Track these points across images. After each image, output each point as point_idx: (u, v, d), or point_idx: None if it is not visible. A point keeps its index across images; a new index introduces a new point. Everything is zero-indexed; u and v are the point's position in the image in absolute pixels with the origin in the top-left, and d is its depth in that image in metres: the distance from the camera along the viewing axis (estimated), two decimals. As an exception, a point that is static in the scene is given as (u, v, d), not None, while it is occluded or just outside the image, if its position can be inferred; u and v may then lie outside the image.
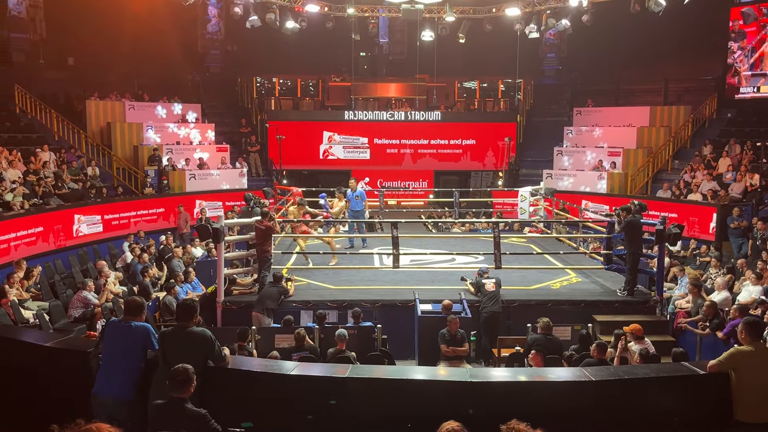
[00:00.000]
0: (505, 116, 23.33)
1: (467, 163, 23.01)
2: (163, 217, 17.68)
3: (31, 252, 13.22)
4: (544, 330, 8.18)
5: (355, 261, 12.24)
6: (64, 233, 14.57)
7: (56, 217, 14.33)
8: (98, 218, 15.69)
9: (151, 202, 17.53)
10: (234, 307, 10.02)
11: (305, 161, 22.55)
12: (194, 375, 4.41)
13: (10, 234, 12.80)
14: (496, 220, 13.67)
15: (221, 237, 9.98)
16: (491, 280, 10.03)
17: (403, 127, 22.58)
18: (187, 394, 4.34)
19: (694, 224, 15.67)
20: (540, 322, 8.24)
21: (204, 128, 20.88)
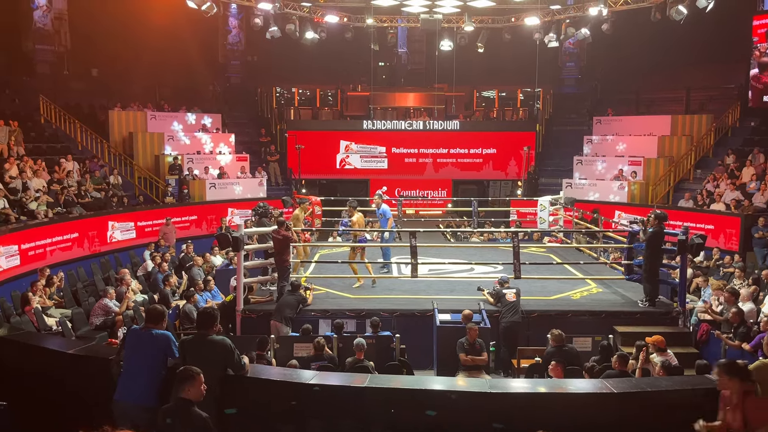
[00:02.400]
0: (525, 125, 23.23)
1: (486, 173, 22.93)
2: (196, 224, 18.05)
3: (67, 257, 13.67)
4: (556, 342, 8.09)
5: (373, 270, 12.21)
6: (99, 239, 15.01)
7: (91, 224, 14.80)
8: (131, 225, 16.08)
9: (183, 210, 17.90)
10: (253, 316, 10.07)
11: (324, 170, 22.64)
12: (200, 376, 4.42)
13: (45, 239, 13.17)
14: (516, 230, 13.60)
15: (241, 246, 10.06)
16: (511, 290, 9.97)
17: (422, 136, 22.59)
18: (192, 396, 4.35)
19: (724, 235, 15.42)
20: (551, 335, 8.14)
21: (224, 138, 21.09)
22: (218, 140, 20.86)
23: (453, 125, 22.68)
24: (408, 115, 24.20)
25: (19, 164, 14.91)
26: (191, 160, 19.49)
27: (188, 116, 21.14)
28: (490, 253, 14.23)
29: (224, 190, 19.26)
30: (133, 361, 5.03)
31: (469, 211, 16.68)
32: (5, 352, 5.81)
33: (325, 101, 25.15)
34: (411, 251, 10.82)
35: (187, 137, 20.28)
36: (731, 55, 20.39)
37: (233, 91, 24.66)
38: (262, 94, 24.22)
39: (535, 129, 22.76)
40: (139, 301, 11.42)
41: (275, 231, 10.45)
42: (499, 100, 25.27)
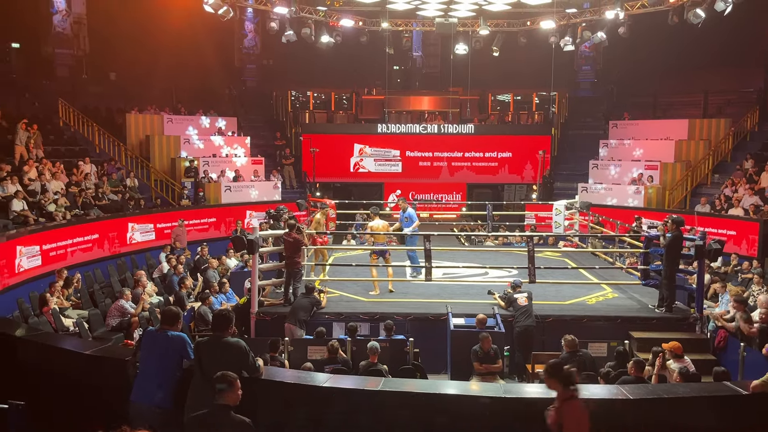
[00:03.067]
0: (540, 129, 23.14)
1: (501, 176, 22.86)
2: (215, 226, 18.23)
3: (87, 258, 13.90)
4: (569, 348, 8.00)
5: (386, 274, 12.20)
6: (119, 240, 15.26)
7: (111, 226, 15.10)
8: (151, 226, 16.30)
9: (203, 212, 18.09)
10: (267, 318, 10.10)
11: (338, 174, 22.72)
12: (237, 381, 4.41)
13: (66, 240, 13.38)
14: (530, 234, 13.53)
15: (256, 248, 10.10)
16: (523, 294, 9.92)
17: (436, 139, 22.58)
18: (231, 401, 4.33)
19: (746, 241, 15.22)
20: (564, 341, 8.05)
21: (240, 141, 21.22)
22: (234, 143, 20.99)
23: (468, 129, 22.63)
24: (422, 118, 24.20)
25: (38, 167, 15.11)
26: (207, 162, 19.63)
27: (204, 119, 21.30)
28: (504, 257, 14.17)
29: (239, 192, 19.37)
30: (148, 362, 5.07)
31: (484, 214, 16.62)
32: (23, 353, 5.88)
33: (339, 105, 25.22)
34: (425, 254, 10.81)
35: (203, 140, 20.44)
36: (750, 59, 20.17)
37: (249, 94, 24.82)
38: (277, 98, 24.35)
39: (551, 133, 22.66)
40: (155, 303, 11.50)
41: (286, 234, 10.48)
42: (514, 104, 25.19)
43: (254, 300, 10.16)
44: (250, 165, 20.57)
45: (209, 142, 20.53)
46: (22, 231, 12.17)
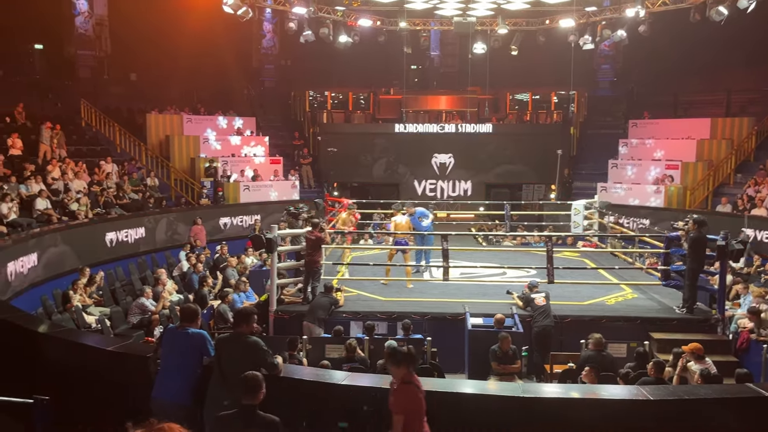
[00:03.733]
0: (559, 129, 23.00)
1: (518, 176, 22.75)
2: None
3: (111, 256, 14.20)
4: (596, 346, 7.99)
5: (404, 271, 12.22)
6: None
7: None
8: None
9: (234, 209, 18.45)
10: (286, 317, 10.18)
11: (355, 174, 22.79)
12: (263, 381, 4.41)
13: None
14: (549, 234, 13.46)
15: (274, 247, 10.17)
16: (540, 294, 9.89)
17: (454, 139, 22.54)
18: (257, 400, 4.33)
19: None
20: (591, 338, 8.06)
21: (258, 141, 21.35)
22: (252, 143, 21.13)
23: (486, 128, 22.56)
24: (440, 118, 24.17)
25: (61, 166, 15.35)
26: (226, 162, 19.78)
27: (223, 120, 21.48)
28: (522, 257, 14.13)
29: (258, 192, 19.50)
30: (169, 359, 5.13)
31: (502, 214, 16.56)
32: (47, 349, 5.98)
33: (357, 105, 25.28)
34: (443, 254, 10.81)
35: (221, 140, 20.61)
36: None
37: (267, 94, 24.98)
38: (295, 98, 24.47)
39: (570, 132, 22.50)
40: (175, 301, 11.62)
41: (309, 232, 10.55)
42: (532, 103, 25.06)
43: (273, 298, 10.24)
44: (268, 164, 20.69)
45: (228, 142, 20.69)
46: (45, 230, 12.37)
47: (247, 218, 18.60)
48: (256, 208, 18.89)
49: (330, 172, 21.69)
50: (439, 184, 22.89)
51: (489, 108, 23.64)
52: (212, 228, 17.70)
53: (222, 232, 18.03)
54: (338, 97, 25.31)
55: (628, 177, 20.17)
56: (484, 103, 23.61)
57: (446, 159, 22.80)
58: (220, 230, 18.02)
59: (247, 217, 18.62)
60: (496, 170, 22.66)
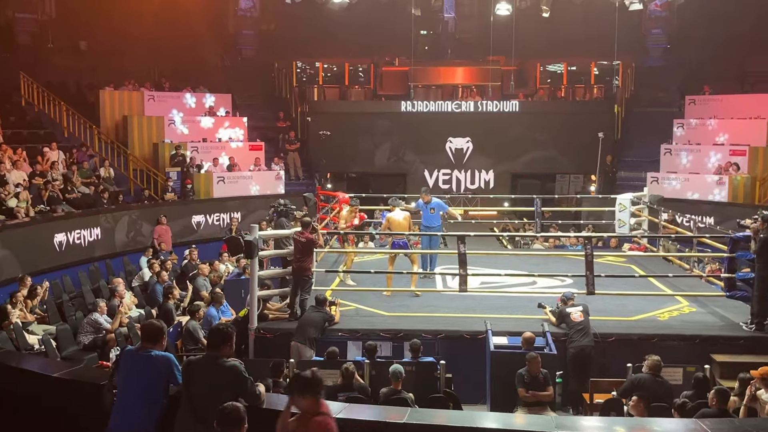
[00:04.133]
0: (600, 106, 22.99)
1: (551, 165, 22.75)
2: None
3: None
4: (651, 370, 7.99)
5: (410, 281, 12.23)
6: None
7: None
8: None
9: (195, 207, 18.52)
10: (269, 336, 10.19)
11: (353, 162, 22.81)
12: (245, 414, 4.40)
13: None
14: (588, 235, 13.45)
15: (255, 251, 10.18)
16: (577, 308, 9.89)
17: (473, 119, 22.53)
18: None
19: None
20: (648, 360, 8.06)
21: (235, 122, 21.39)
22: (228, 125, 21.16)
23: (511, 106, 22.57)
24: (456, 94, 24.16)
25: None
26: (196, 149, 19.82)
27: (192, 97, 21.51)
28: (556, 262, 14.12)
29: (234, 185, 19.53)
30: (128, 387, 5.15)
31: (531, 211, 16.54)
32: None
33: (355, 78, 25.31)
34: (459, 260, 10.81)
35: (190, 122, 20.63)
36: None
37: (246, 66, 24.98)
38: (279, 70, 24.50)
39: (613, 111, 22.48)
40: (135, 317, 11.65)
41: (298, 233, 10.55)
42: (568, 76, 25.05)
43: (253, 314, 10.25)
44: (247, 151, 20.73)
45: (198, 124, 20.72)
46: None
47: (226, 216, 18.69)
48: (235, 204, 18.95)
49: (322, 160, 21.73)
50: (455, 174, 22.94)
51: (515, 82, 23.63)
52: (183, 228, 17.77)
53: (195, 233, 18.11)
54: (332, 69, 25.35)
55: (684, 165, 20.14)
56: (509, 76, 23.60)
57: (463, 144, 22.83)
58: (193, 231, 18.11)
59: (226, 215, 18.71)
60: (524, 157, 22.65)
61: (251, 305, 10.32)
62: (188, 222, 18.09)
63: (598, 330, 9.86)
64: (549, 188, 22.80)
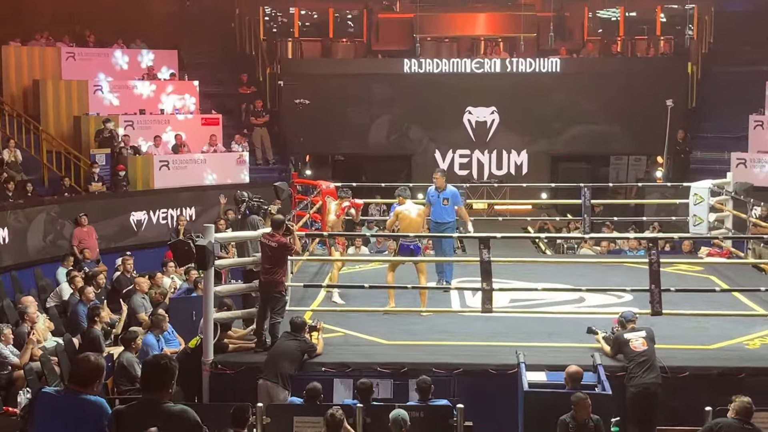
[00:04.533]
0: (668, 65, 23.02)
1: (604, 143, 22.76)
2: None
3: None
4: (739, 414, 7.97)
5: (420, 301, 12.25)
6: None
7: None
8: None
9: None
10: (229, 372, 10.17)
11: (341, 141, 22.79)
12: None
13: None
14: (654, 236, 13.46)
15: (210, 260, 10.16)
16: (639, 334, 9.88)
17: (499, 83, 22.54)
18: None
19: None
20: (735, 401, 8.04)
21: (182, 88, 21.36)
22: (173, 92, 21.13)
23: (550, 65, 22.57)
24: (476, 49, 24.14)
25: None
26: (130, 124, 19.75)
27: (125, 55, 21.46)
28: (611, 273, 14.11)
29: (182, 171, 19.47)
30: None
31: (577, 204, 16.54)
32: None
33: (342, 29, 25.25)
34: (482, 270, 10.80)
35: (122, 88, 20.58)
36: None
37: (197, 15, 24.84)
38: (242, 19, 24.45)
39: (686, 71, 22.47)
40: (50, 348, 11.61)
41: (268, 236, 10.53)
42: (626, 25, 25.01)
43: (208, 342, 10.24)
44: (199, 127, 20.71)
45: (133, 90, 20.68)
46: None
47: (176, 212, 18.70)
48: (187, 198, 18.92)
49: (299, 138, 21.71)
50: (476, 156, 22.97)
51: (555, 33, 23.58)
52: (119, 229, 17.78)
53: (134, 235, 18.12)
54: (311, 16, 25.29)
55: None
56: (547, 25, 23.56)
57: (486, 116, 22.85)
58: (132, 232, 18.15)
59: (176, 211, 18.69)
60: (568, 134, 22.68)
61: (205, 332, 10.30)
62: (126, 221, 18.09)
63: (667, 363, 9.85)
64: (601, 174, 22.79)
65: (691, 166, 21.13)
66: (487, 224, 16.96)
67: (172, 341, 11.61)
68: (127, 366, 10.70)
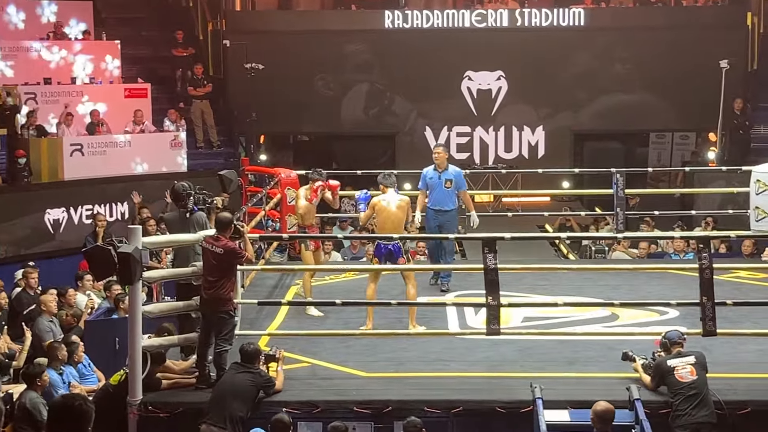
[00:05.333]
0: (722, 15, 23.10)
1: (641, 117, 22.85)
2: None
3: None
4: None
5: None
6: None
7: None
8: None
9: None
10: (163, 415, 10.17)
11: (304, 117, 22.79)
12: None
13: None
14: (706, 235, 13.51)
15: (136, 272, 10.15)
16: (687, 360, 9.93)
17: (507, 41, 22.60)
18: None
19: None
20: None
21: (100, 50, 21.30)
22: (89, 55, 21.07)
23: (572, 18, 22.63)
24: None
25: None
26: (32, 96, 19.68)
27: (20, 10, 21.36)
28: (651, 282, 14.18)
29: (101, 158, 19.42)
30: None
31: (608, 196, 16.61)
32: None
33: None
34: (486, 280, 10.82)
35: (21, 51, 20.55)
36: None
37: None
38: (175, -41, 24.46)
39: (745, 23, 22.58)
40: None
41: (211, 239, 10.52)
42: (667, -34, 25.16)
43: (135, 378, 10.23)
44: (122, 100, 20.67)
45: (39, 53, 20.64)
46: None
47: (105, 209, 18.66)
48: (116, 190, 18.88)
49: (251, 114, 21.67)
50: (478, 134, 23.05)
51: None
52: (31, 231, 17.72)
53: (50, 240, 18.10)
54: (265, -43, 25.28)
55: None
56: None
57: (491, 82, 22.92)
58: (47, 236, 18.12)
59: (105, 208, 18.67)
60: (595, 105, 22.78)
61: (131, 364, 10.29)
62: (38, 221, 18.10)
63: (723, 395, 9.91)
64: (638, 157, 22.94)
65: (752, 145, 21.24)
66: (493, 221, 16.99)
67: (88, 376, 11.61)
68: (31, 409, 10.66)
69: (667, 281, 13.83)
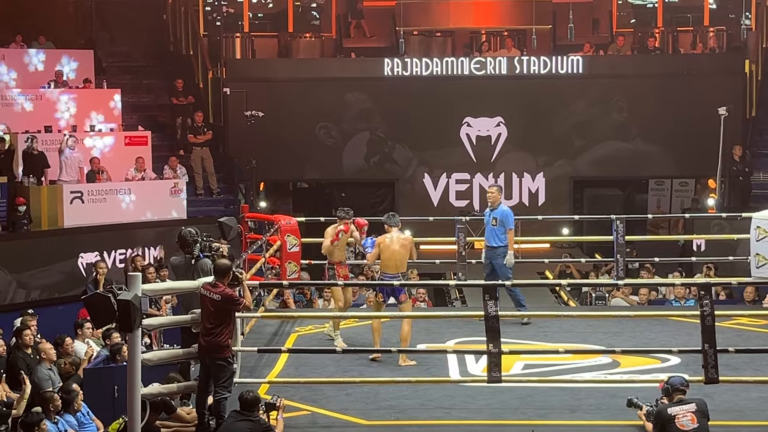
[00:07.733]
0: (720, 64, 23.15)
1: (640, 164, 22.87)
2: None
3: None
4: None
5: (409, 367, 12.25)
6: None
7: None
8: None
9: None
10: (161, 465, 10.13)
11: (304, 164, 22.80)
12: None
13: None
14: (707, 281, 13.49)
15: (136, 319, 10.11)
16: (687, 408, 9.86)
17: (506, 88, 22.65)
18: None
19: None
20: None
21: (100, 98, 21.34)
22: (89, 103, 21.13)
23: (571, 65, 22.71)
24: (476, 45, 24.26)
25: None
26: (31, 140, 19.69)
27: (27, 55, 21.46)
28: (652, 329, 14.16)
29: (100, 206, 19.41)
30: None
31: (608, 242, 16.60)
32: None
33: (304, 22, 25.38)
34: (487, 327, 10.80)
35: (24, 97, 20.57)
36: None
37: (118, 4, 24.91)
38: (176, 10, 24.53)
39: (743, 70, 22.66)
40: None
41: (209, 286, 10.49)
42: (665, 13, 25.24)
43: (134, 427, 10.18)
44: (122, 147, 20.68)
45: (40, 101, 20.68)
46: None
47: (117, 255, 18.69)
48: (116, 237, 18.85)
49: (250, 161, 21.70)
50: (477, 181, 23.02)
51: (575, 24, 23.77)
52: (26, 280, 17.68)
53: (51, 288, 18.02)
54: (265, 5, 25.40)
55: None
56: (566, 15, 23.73)
57: (491, 129, 22.95)
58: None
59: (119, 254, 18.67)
60: (594, 152, 22.81)
61: (130, 412, 10.24)
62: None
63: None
64: (638, 204, 22.92)
65: (751, 191, 21.25)
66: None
67: (87, 425, 11.53)
68: (30, 459, 10.62)
69: (669, 328, 13.82)
